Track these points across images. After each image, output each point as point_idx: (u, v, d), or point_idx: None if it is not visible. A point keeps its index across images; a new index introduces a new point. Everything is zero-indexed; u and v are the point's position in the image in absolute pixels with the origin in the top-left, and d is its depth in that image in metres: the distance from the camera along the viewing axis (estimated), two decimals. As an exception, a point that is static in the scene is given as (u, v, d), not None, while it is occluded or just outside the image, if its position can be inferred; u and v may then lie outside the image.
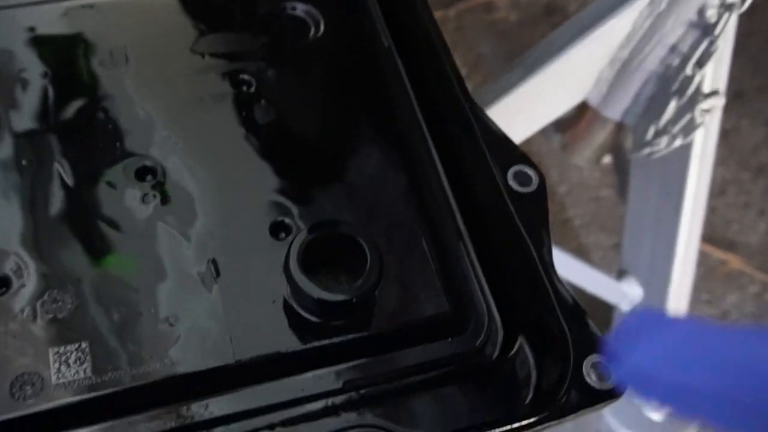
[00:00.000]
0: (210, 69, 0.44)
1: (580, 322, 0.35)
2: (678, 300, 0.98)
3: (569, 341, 0.35)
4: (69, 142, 0.40)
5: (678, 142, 0.71)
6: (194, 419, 0.34)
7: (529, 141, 0.90)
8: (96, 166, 0.40)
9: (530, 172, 0.39)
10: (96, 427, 0.33)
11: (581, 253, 1.21)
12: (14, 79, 0.42)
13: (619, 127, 0.87)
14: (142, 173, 0.40)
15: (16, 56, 0.43)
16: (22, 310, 0.35)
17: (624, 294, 1.05)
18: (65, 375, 0.33)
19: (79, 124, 0.41)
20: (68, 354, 0.34)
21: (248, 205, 0.40)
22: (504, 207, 0.38)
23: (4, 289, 0.35)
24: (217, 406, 0.34)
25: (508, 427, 0.33)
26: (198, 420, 0.34)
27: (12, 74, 0.42)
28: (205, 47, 0.45)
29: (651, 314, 0.22)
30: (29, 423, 0.33)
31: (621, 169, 1.19)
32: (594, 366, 0.34)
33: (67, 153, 0.40)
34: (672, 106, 0.67)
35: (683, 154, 0.75)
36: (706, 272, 1.22)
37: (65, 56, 0.43)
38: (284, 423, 0.35)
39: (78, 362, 0.33)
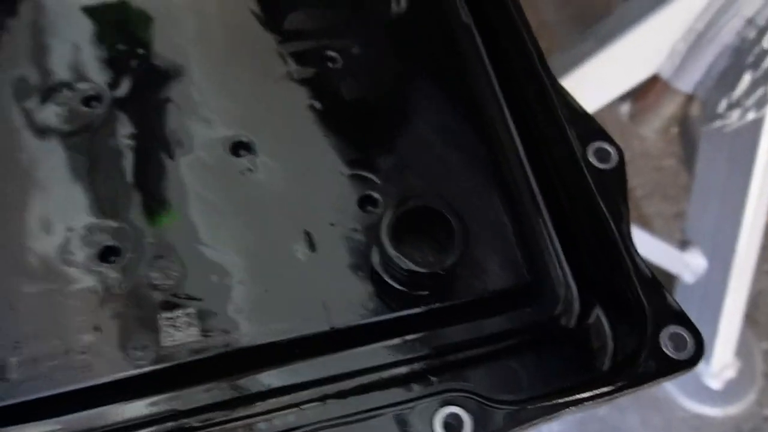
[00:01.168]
0: (296, 46, 0.46)
1: (657, 294, 0.36)
2: (742, 271, 0.97)
3: (647, 312, 0.36)
4: (166, 118, 0.43)
5: (750, 116, 0.70)
6: (290, 382, 0.36)
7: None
8: (193, 142, 0.42)
9: (610, 148, 0.40)
10: (201, 387, 0.36)
11: (643, 222, 1.20)
12: (113, 57, 0.45)
13: (689, 98, 0.86)
14: (237, 149, 0.42)
15: (113, 36, 0.45)
16: (133, 278, 0.37)
17: (686, 264, 1.04)
18: (174, 338, 0.36)
19: (175, 101, 0.43)
20: (176, 318, 0.36)
21: (336, 179, 0.42)
22: (584, 182, 0.39)
23: (114, 258, 0.38)
24: (311, 369, 0.37)
25: (588, 394, 0.34)
26: (293, 383, 0.36)
27: (110, 53, 0.45)
28: (292, 24, 0.47)
29: None
30: (142, 382, 0.35)
31: (687, 139, 1.18)
32: (671, 337, 0.35)
33: (166, 129, 0.42)
34: (746, 79, 0.67)
35: (755, 128, 0.74)
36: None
37: (155, 35, 0.46)
38: (374, 386, 0.37)
39: (186, 326, 0.36)
